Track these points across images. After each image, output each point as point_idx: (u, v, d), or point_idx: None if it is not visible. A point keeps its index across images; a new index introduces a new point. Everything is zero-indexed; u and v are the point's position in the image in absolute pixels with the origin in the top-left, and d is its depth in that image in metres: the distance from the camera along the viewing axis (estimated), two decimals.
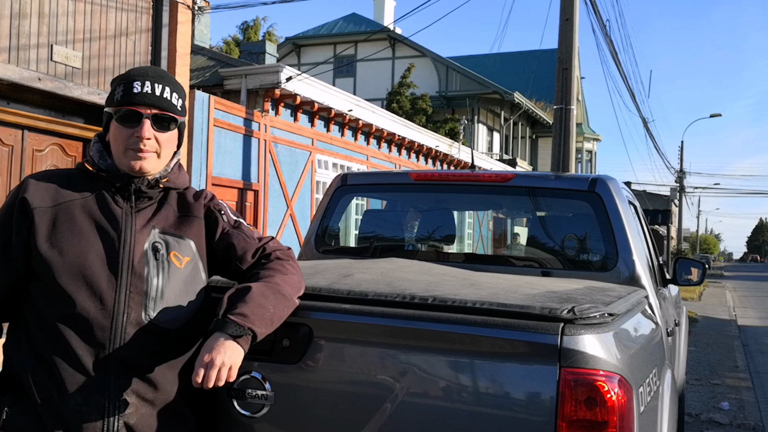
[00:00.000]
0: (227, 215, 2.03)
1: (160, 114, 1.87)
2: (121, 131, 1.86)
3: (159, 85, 1.87)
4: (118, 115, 1.87)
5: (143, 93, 1.85)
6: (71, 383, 1.75)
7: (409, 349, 1.85)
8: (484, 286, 2.16)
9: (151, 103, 1.85)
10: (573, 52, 10.28)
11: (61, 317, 1.77)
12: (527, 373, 1.76)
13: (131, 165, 1.86)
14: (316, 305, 1.92)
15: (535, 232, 3.53)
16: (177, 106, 1.91)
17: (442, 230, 3.81)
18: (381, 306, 1.91)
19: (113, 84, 1.92)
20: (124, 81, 1.88)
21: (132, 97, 1.85)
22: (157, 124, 1.87)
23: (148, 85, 1.86)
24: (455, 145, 18.65)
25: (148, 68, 1.93)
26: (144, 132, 1.84)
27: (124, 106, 1.86)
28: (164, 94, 1.87)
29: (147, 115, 1.85)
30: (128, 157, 1.86)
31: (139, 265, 1.83)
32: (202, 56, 12.59)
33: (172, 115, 1.89)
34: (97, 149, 1.93)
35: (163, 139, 1.88)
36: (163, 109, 1.87)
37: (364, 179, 3.87)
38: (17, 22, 7.21)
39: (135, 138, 1.84)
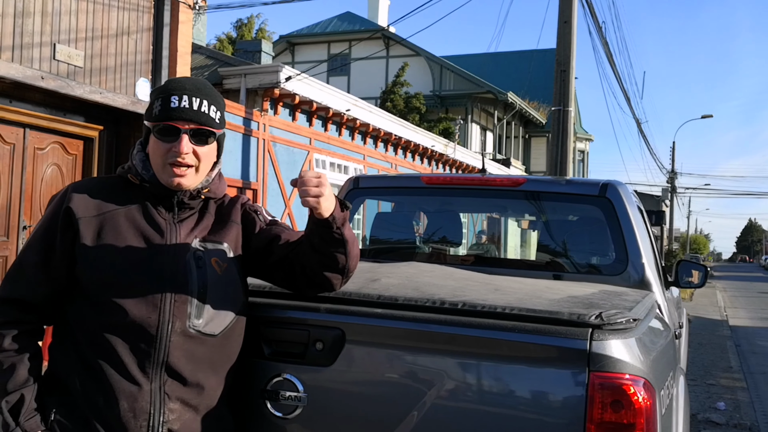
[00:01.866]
0: (263, 215, 2.08)
1: (198, 129, 1.88)
2: (159, 146, 1.88)
3: (197, 99, 1.88)
4: (156, 129, 1.88)
5: (181, 108, 1.85)
6: (117, 390, 1.79)
7: (439, 353, 1.90)
8: (508, 291, 2.21)
9: (188, 117, 1.86)
10: (571, 54, 10.37)
11: (107, 325, 1.81)
12: (556, 377, 1.82)
13: (170, 182, 1.88)
14: (348, 309, 1.97)
15: (545, 236, 3.59)
16: (215, 120, 1.91)
17: (452, 234, 3.87)
18: (411, 311, 1.97)
19: (152, 96, 1.94)
20: (162, 95, 1.88)
21: (170, 112, 1.85)
22: (196, 138, 1.88)
23: (185, 100, 1.86)
24: (451, 145, 18.72)
25: (187, 81, 1.92)
26: (182, 147, 1.85)
27: (162, 121, 1.87)
28: (202, 108, 1.88)
29: (185, 130, 1.86)
30: (167, 173, 1.88)
31: (182, 274, 1.86)
32: (201, 55, 12.60)
33: (210, 129, 1.90)
34: (140, 159, 1.96)
35: (201, 153, 1.90)
36: (201, 123, 1.88)
37: (376, 182, 3.92)
38: (20, 20, 7.22)
39: (173, 153, 1.86)
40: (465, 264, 3.43)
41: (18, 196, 7.81)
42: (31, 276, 1.87)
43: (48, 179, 8.19)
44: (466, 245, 17.38)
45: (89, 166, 8.61)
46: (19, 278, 1.89)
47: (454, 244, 4.02)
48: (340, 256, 1.92)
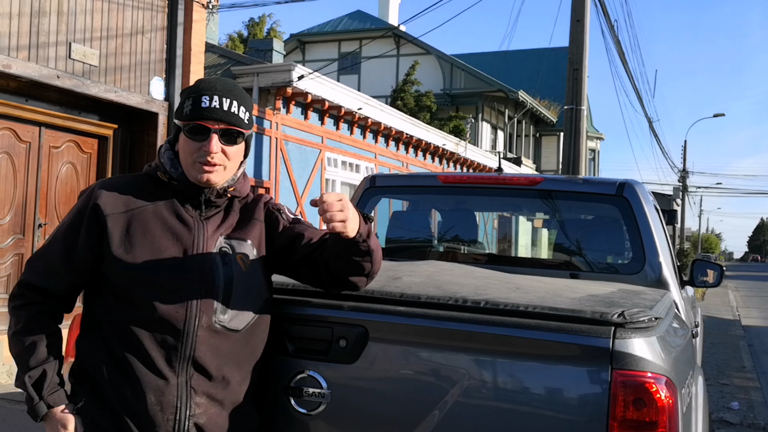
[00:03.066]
0: (286, 213, 2.11)
1: (228, 129, 1.91)
2: (189, 144, 1.92)
3: (227, 99, 1.91)
4: (186, 128, 1.92)
5: (211, 108, 1.89)
6: (144, 383, 1.82)
7: (462, 351, 1.91)
8: (528, 290, 2.23)
9: (218, 117, 1.89)
10: (584, 52, 10.35)
11: (135, 320, 1.84)
12: (579, 374, 1.83)
13: (199, 178, 1.92)
14: (371, 307, 1.99)
15: (562, 235, 3.60)
16: (244, 120, 1.95)
17: (468, 232, 3.88)
18: (434, 309, 1.98)
19: (182, 96, 1.98)
20: (193, 94, 1.92)
21: (200, 112, 1.89)
22: (225, 138, 1.91)
23: (216, 100, 1.90)
24: (462, 143, 18.71)
25: (217, 81, 1.95)
26: (212, 147, 1.88)
27: (192, 120, 1.90)
28: (232, 108, 1.91)
29: (215, 129, 1.89)
30: (196, 170, 1.91)
31: (209, 270, 1.89)
32: (213, 54, 12.65)
33: (239, 129, 1.93)
34: (169, 157, 1.99)
35: (230, 152, 1.94)
36: (230, 123, 1.91)
37: (393, 181, 3.94)
38: (37, 20, 7.28)
39: (203, 152, 1.89)
40: (479, 263, 3.44)
41: (33, 195, 7.87)
42: (53, 268, 1.91)
43: (63, 177, 8.25)
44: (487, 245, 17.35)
45: (104, 164, 8.66)
46: (41, 267, 1.93)
47: (470, 243, 4.03)
48: (366, 264, 1.95)
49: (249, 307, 1.94)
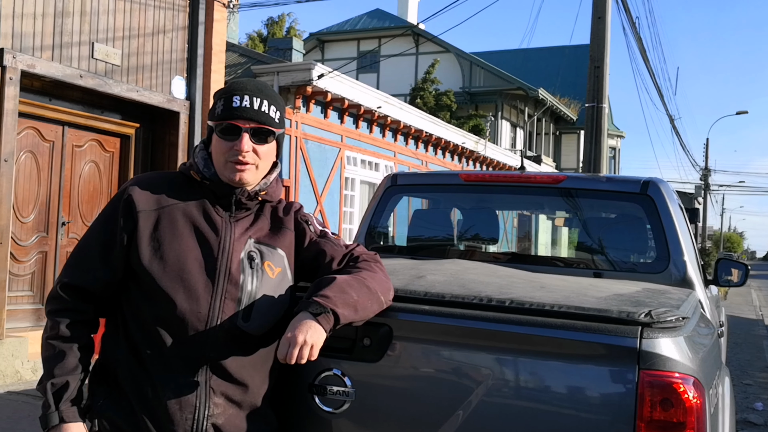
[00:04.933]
0: (314, 225, 2.10)
1: (258, 127, 1.92)
2: (221, 144, 1.93)
3: (257, 99, 1.93)
4: (218, 128, 1.93)
5: (242, 107, 1.91)
6: (165, 381, 1.83)
7: (486, 350, 1.91)
8: (553, 289, 2.21)
9: (249, 116, 1.91)
10: (605, 50, 10.27)
11: (158, 317, 1.85)
12: (605, 375, 1.81)
13: (232, 177, 1.92)
14: (395, 306, 1.99)
15: (585, 233, 3.57)
16: (275, 119, 1.96)
17: (491, 231, 3.86)
18: (458, 308, 1.98)
19: (215, 97, 1.99)
20: (225, 95, 1.94)
21: (231, 112, 1.91)
22: (256, 137, 1.92)
23: (247, 100, 1.92)
24: (481, 142, 18.65)
25: (248, 82, 1.98)
26: (243, 145, 1.89)
27: (224, 120, 1.92)
28: (262, 107, 1.93)
29: (246, 128, 1.91)
30: (229, 169, 1.92)
31: (235, 272, 1.89)
32: (234, 53, 12.69)
33: (269, 128, 1.95)
34: (202, 157, 2.00)
35: (261, 152, 1.94)
36: (261, 122, 1.93)
37: (414, 179, 3.94)
38: (60, 20, 7.35)
39: (234, 151, 1.90)
40: (501, 262, 3.42)
41: (57, 193, 7.96)
42: (92, 264, 1.92)
43: (86, 176, 8.33)
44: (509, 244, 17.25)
45: (126, 163, 8.74)
46: (80, 265, 1.94)
47: (492, 242, 4.02)
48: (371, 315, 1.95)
49: (272, 315, 1.93)
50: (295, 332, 1.76)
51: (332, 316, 1.80)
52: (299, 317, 1.80)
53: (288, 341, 1.76)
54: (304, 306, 1.82)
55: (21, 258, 7.59)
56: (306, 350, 1.75)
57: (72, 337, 1.89)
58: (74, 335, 1.89)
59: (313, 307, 1.80)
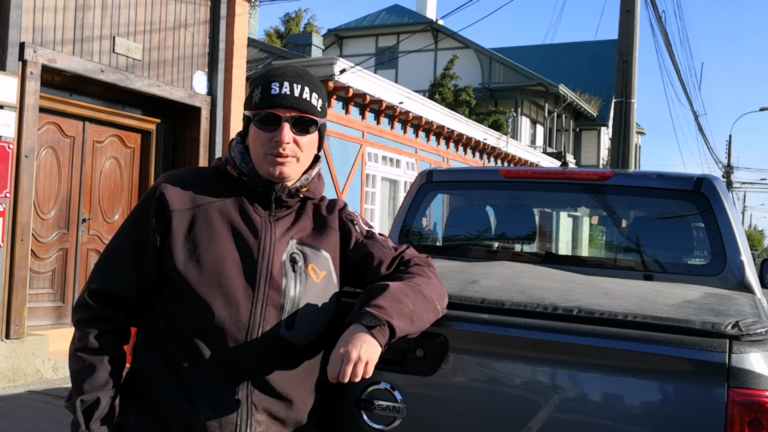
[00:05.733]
0: (359, 225, 1.93)
1: (300, 116, 1.75)
2: (260, 135, 1.76)
3: (298, 85, 1.76)
4: (256, 118, 1.76)
5: (282, 95, 1.74)
6: (203, 396, 1.67)
7: (552, 363, 1.73)
8: (619, 295, 2.03)
9: (290, 104, 1.74)
10: (634, 44, 10.02)
11: (195, 326, 1.69)
12: (688, 393, 1.64)
13: (271, 171, 1.76)
14: (451, 314, 1.82)
15: (634, 233, 3.39)
16: (317, 107, 1.79)
17: (532, 231, 3.69)
18: (520, 316, 1.80)
19: (251, 85, 1.83)
20: (262, 82, 1.78)
21: (270, 100, 1.74)
22: (297, 127, 1.75)
23: (286, 86, 1.75)
24: (503, 138, 18.42)
25: (287, 67, 1.80)
26: (283, 136, 1.73)
27: (262, 109, 1.75)
28: (303, 94, 1.76)
29: (286, 118, 1.74)
30: (268, 163, 1.76)
31: (277, 276, 1.72)
32: (254, 48, 12.58)
33: (311, 117, 1.78)
34: (239, 151, 1.83)
35: (303, 143, 1.78)
36: (302, 111, 1.76)
37: (451, 176, 3.76)
38: (81, 14, 7.24)
39: (274, 143, 1.74)
40: (545, 262, 3.24)
41: (78, 189, 7.86)
42: (123, 267, 1.76)
43: (107, 172, 8.23)
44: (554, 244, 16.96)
45: (147, 159, 8.63)
46: (108, 269, 1.78)
47: (534, 241, 3.85)
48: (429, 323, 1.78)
49: (317, 324, 1.77)
50: (348, 347, 1.58)
51: (387, 329, 1.63)
52: (351, 330, 1.63)
53: (340, 357, 1.58)
54: (357, 318, 1.64)
55: (41, 255, 7.50)
56: (360, 367, 1.58)
57: (102, 348, 1.73)
58: (104, 346, 1.74)
59: (367, 318, 1.62)
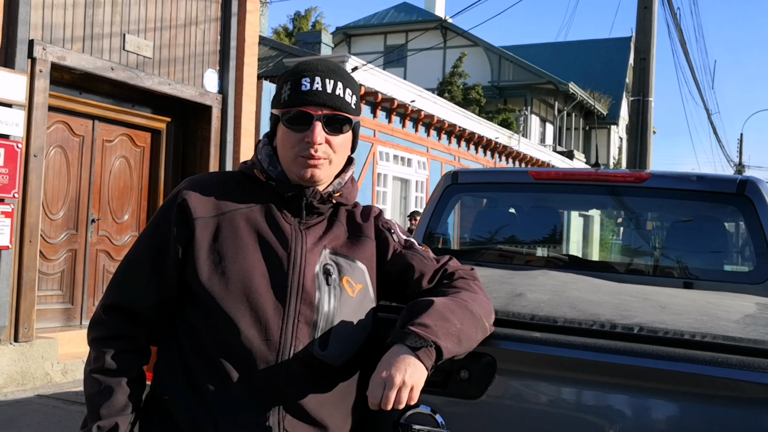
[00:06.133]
0: (397, 234, 1.76)
1: (333, 114, 1.61)
2: (289, 136, 1.61)
3: (330, 80, 1.61)
4: (285, 117, 1.62)
5: (313, 91, 1.59)
6: (231, 422, 1.51)
7: (613, 388, 1.57)
8: (677, 310, 1.87)
9: (322, 102, 1.59)
10: (651, 41, 9.83)
11: (220, 345, 1.54)
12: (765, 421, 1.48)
13: (302, 174, 1.61)
14: (500, 332, 1.66)
15: (672, 238, 3.23)
16: (351, 104, 1.64)
17: (565, 235, 3.53)
18: (575, 335, 1.65)
19: (279, 81, 1.66)
20: (292, 78, 1.63)
21: (301, 97, 1.60)
22: (330, 126, 1.61)
23: (318, 82, 1.60)
24: (515, 136, 18.24)
25: (318, 61, 1.66)
26: (315, 136, 1.58)
27: (291, 107, 1.60)
28: (336, 90, 1.61)
29: (318, 116, 1.59)
30: (298, 165, 1.61)
31: (309, 290, 1.57)
32: (264, 46, 12.45)
33: (345, 115, 1.63)
34: (267, 153, 1.68)
35: (336, 143, 1.63)
36: (336, 108, 1.61)
37: (477, 177, 3.60)
38: (91, 11, 7.11)
39: (305, 144, 1.59)
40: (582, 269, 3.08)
41: (87, 189, 7.73)
42: (142, 279, 1.61)
43: (116, 172, 8.10)
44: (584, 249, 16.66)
45: (157, 158, 8.50)
46: (127, 282, 1.63)
47: (557, 244, 3.69)
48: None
49: (353, 342, 1.61)
50: (392, 371, 1.42)
51: (434, 350, 1.46)
52: (395, 352, 1.46)
53: (383, 382, 1.42)
54: (400, 338, 1.48)
55: (50, 256, 7.38)
56: (405, 393, 1.41)
57: (120, 369, 1.58)
58: (123, 367, 1.58)
59: (411, 339, 1.46)
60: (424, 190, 14.25)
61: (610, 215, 3.26)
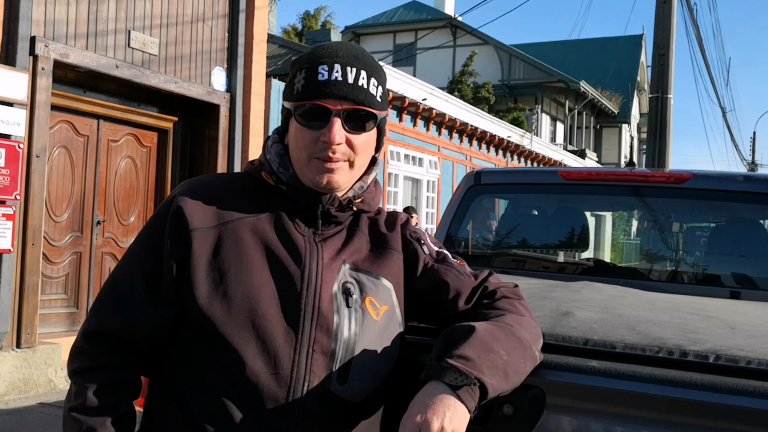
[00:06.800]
0: (428, 245, 1.52)
1: (354, 109, 1.36)
2: (303, 134, 1.37)
3: (353, 68, 1.37)
4: (299, 111, 1.37)
5: (332, 81, 1.35)
6: None
7: (688, 428, 1.33)
8: (749, 330, 1.63)
9: (342, 94, 1.35)
10: (671, 36, 9.55)
11: (222, 379, 1.30)
12: None
13: (317, 180, 1.37)
14: (550, 360, 1.42)
15: (716, 243, 2.98)
16: (376, 97, 1.40)
17: (597, 240, 3.27)
18: (638, 363, 1.40)
19: (293, 68, 1.42)
20: (307, 64, 1.38)
21: (317, 88, 1.35)
22: (351, 122, 1.36)
23: (338, 70, 1.35)
24: (527, 135, 17.97)
25: (338, 46, 1.41)
26: (333, 135, 1.34)
27: (306, 100, 1.36)
28: (359, 80, 1.37)
29: (337, 111, 1.35)
30: (313, 169, 1.37)
31: (326, 313, 1.33)
32: (273, 44, 12.21)
33: (369, 110, 1.38)
34: (277, 153, 1.44)
35: (358, 143, 1.38)
36: (358, 102, 1.36)
37: (502, 178, 3.36)
38: (95, 6, 6.90)
39: (321, 143, 1.35)
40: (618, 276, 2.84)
41: (92, 190, 7.53)
42: (130, 301, 1.37)
43: (122, 173, 7.90)
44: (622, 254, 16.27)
45: (164, 158, 8.28)
46: (112, 303, 1.38)
47: (583, 249, 3.45)
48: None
49: (376, 373, 1.38)
50: (428, 415, 1.18)
51: (478, 389, 1.22)
52: (431, 390, 1.21)
53: (416, 428, 1.18)
54: (437, 373, 1.23)
55: (54, 259, 7.18)
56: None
57: (104, 406, 1.34)
58: (108, 404, 1.34)
59: (451, 375, 1.21)
60: (435, 190, 14.01)
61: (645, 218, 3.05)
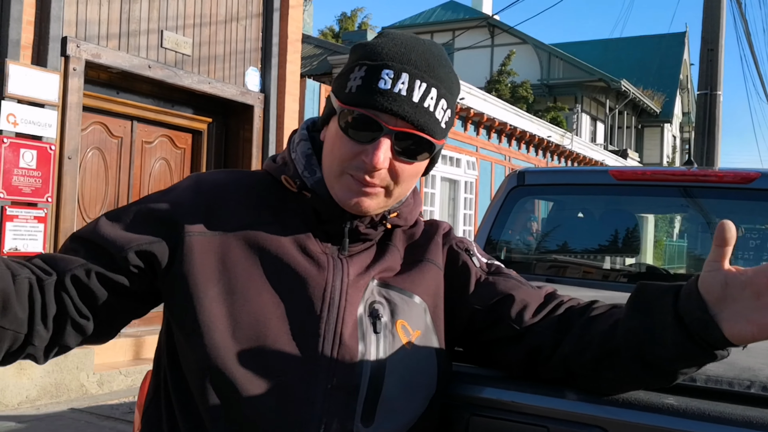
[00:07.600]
0: (477, 257, 1.29)
1: (411, 134, 1.11)
2: (343, 143, 1.13)
3: (423, 83, 1.10)
4: (345, 117, 1.12)
5: (394, 93, 1.09)
6: None
7: None
8: None
9: (401, 112, 1.09)
10: (720, 30, 9.17)
11: (220, 418, 1.09)
12: None
13: (346, 200, 1.14)
14: (614, 397, 1.19)
15: None
16: (441, 123, 1.14)
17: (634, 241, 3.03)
18: (723, 399, 1.17)
19: (353, 55, 1.16)
20: (369, 61, 1.11)
21: (374, 96, 1.09)
22: (401, 146, 1.11)
23: (404, 81, 1.09)
24: (567, 135, 17.58)
25: (413, 44, 1.13)
26: (377, 158, 1.09)
27: (356, 106, 1.10)
28: (426, 100, 1.10)
29: (389, 131, 1.10)
30: (343, 186, 1.14)
31: (349, 341, 1.11)
32: (309, 44, 12.10)
33: (428, 138, 1.12)
34: (304, 152, 1.21)
35: (403, 172, 1.14)
36: (417, 126, 1.10)
37: (548, 178, 3.13)
38: (127, 6, 6.82)
39: (360, 161, 1.11)
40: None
41: (126, 193, 7.46)
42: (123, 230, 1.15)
43: (156, 174, 7.82)
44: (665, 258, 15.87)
45: (198, 160, 8.19)
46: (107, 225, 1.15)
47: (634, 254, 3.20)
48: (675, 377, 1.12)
49: (408, 409, 1.14)
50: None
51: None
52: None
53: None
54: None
55: None
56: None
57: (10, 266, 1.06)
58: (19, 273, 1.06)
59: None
60: (473, 191, 13.74)
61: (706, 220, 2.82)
